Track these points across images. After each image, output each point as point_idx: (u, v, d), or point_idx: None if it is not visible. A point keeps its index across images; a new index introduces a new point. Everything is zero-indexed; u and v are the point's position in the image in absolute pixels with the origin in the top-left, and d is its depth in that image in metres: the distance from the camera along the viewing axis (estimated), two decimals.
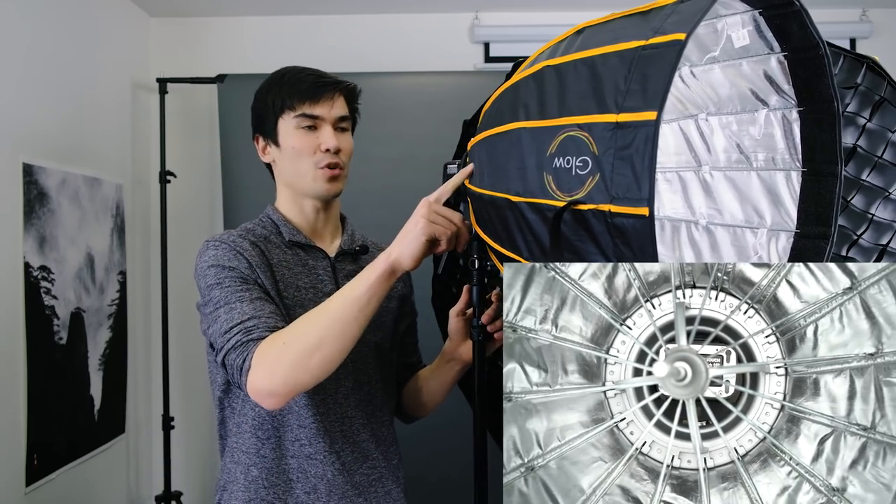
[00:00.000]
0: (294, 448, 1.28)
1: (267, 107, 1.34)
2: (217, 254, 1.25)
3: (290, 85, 1.32)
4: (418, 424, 1.63)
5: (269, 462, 1.27)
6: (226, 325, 1.16)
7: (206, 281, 1.23)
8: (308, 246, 1.36)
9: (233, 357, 1.14)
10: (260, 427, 1.28)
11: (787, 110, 1.10)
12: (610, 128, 0.89)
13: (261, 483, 1.27)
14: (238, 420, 1.30)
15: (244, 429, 1.29)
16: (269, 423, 1.28)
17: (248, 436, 1.28)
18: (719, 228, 1.15)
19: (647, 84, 0.87)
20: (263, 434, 1.28)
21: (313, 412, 1.28)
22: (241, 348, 1.13)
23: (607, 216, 0.88)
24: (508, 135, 1.05)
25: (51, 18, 2.26)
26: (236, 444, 1.30)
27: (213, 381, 1.33)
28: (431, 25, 2.93)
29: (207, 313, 1.21)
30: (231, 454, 1.31)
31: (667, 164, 1.15)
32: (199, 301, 1.25)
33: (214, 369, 1.30)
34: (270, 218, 1.38)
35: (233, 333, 1.15)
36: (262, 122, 1.35)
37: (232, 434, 1.31)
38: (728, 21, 1.07)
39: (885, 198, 1.27)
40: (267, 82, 1.36)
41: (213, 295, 1.21)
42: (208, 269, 1.23)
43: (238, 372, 1.13)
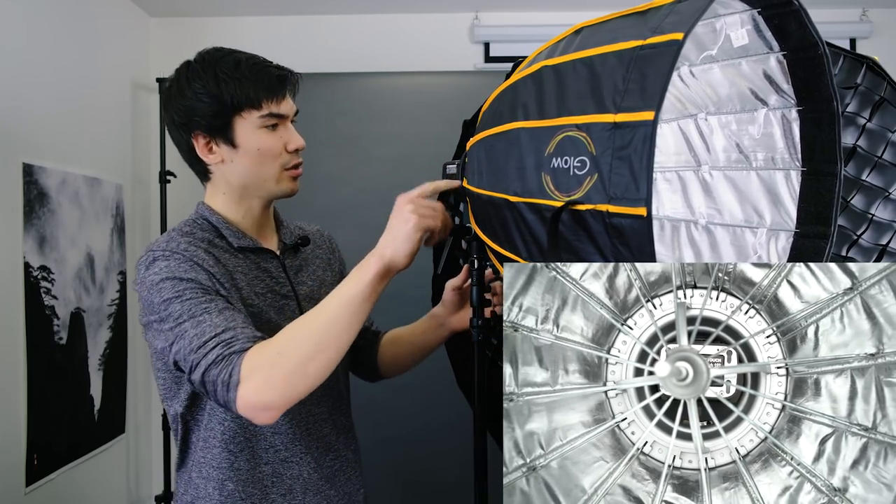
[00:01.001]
0: (268, 455, 1.24)
1: (220, 102, 1.20)
2: (170, 265, 1.15)
3: (251, 79, 1.20)
4: (418, 425, 1.63)
5: (243, 474, 1.22)
6: (198, 341, 1.07)
7: (162, 295, 1.12)
8: (257, 249, 1.29)
9: (214, 372, 1.05)
10: (231, 440, 1.22)
11: (787, 110, 1.10)
12: (608, 128, 0.89)
13: (237, 496, 1.22)
14: (204, 434, 1.23)
15: (212, 443, 1.22)
16: (241, 434, 1.22)
17: (219, 450, 1.22)
18: (719, 228, 1.15)
19: (646, 84, 0.87)
20: (236, 447, 1.22)
21: (287, 417, 1.24)
22: (223, 362, 1.05)
23: (605, 216, 0.88)
24: (507, 135, 1.05)
25: (51, 18, 2.26)
26: (204, 459, 1.23)
27: (168, 398, 1.25)
28: (431, 25, 2.93)
29: (167, 329, 1.12)
30: (197, 469, 1.24)
31: (666, 163, 1.15)
32: (150, 317, 1.15)
33: (172, 385, 1.23)
34: (208, 220, 1.27)
35: (209, 347, 1.06)
36: (209, 118, 1.21)
37: (197, 449, 1.24)
38: (727, 20, 1.07)
39: (885, 198, 1.27)
40: (211, 71, 1.21)
41: (174, 309, 1.11)
42: (162, 282, 1.13)
43: (224, 388, 1.04)
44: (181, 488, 1.27)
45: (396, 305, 1.59)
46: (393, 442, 2.52)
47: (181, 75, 1.24)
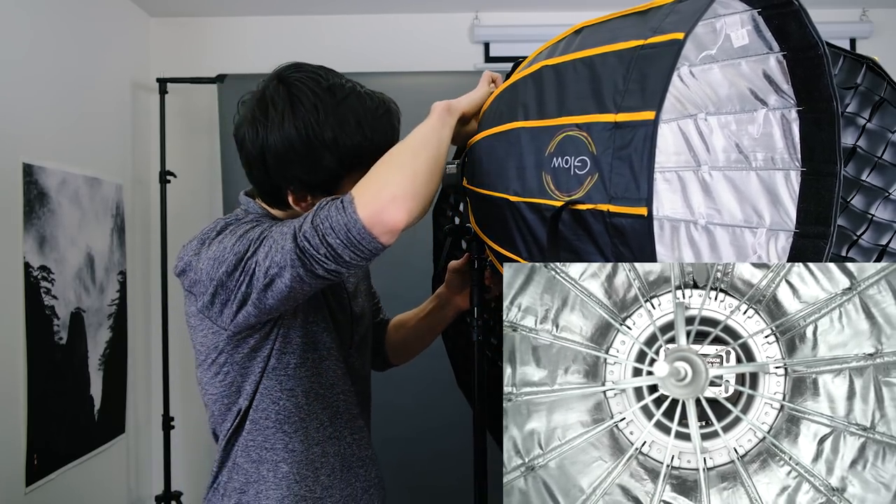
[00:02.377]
0: (318, 434, 1.25)
1: (332, 160, 1.12)
2: (227, 222, 1.14)
3: (358, 144, 1.13)
4: (418, 425, 1.63)
5: (297, 455, 1.23)
6: (288, 225, 1.03)
7: (233, 236, 1.07)
8: None
9: (325, 208, 0.99)
10: (286, 420, 1.22)
11: (787, 110, 1.10)
12: (608, 127, 0.89)
13: (292, 478, 1.23)
14: (254, 416, 1.22)
15: (264, 425, 1.22)
16: (296, 414, 1.23)
17: (272, 431, 1.22)
18: (718, 228, 1.15)
19: (646, 84, 0.87)
20: (290, 427, 1.23)
21: (321, 403, 1.25)
22: (330, 202, 1.00)
23: (606, 216, 0.88)
24: (507, 135, 1.05)
25: (51, 18, 2.26)
26: (254, 442, 1.23)
27: (213, 386, 1.24)
28: (431, 25, 2.93)
29: (254, 239, 1.05)
30: (245, 453, 1.24)
31: (666, 163, 1.15)
32: (218, 270, 1.07)
33: (213, 369, 1.22)
34: (254, 212, 1.24)
35: (306, 216, 1.01)
36: (318, 179, 1.13)
37: (245, 432, 1.24)
38: (727, 20, 1.07)
39: (885, 198, 1.27)
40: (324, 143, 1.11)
41: (251, 235, 1.05)
42: (225, 229, 1.10)
43: (340, 211, 0.97)
44: (224, 476, 1.27)
45: (397, 305, 1.59)
46: (393, 442, 2.52)
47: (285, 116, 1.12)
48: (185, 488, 2.84)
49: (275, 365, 1.21)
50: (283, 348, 1.21)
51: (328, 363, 1.26)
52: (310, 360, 1.23)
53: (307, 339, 1.23)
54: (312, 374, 1.24)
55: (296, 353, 1.22)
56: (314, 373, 1.24)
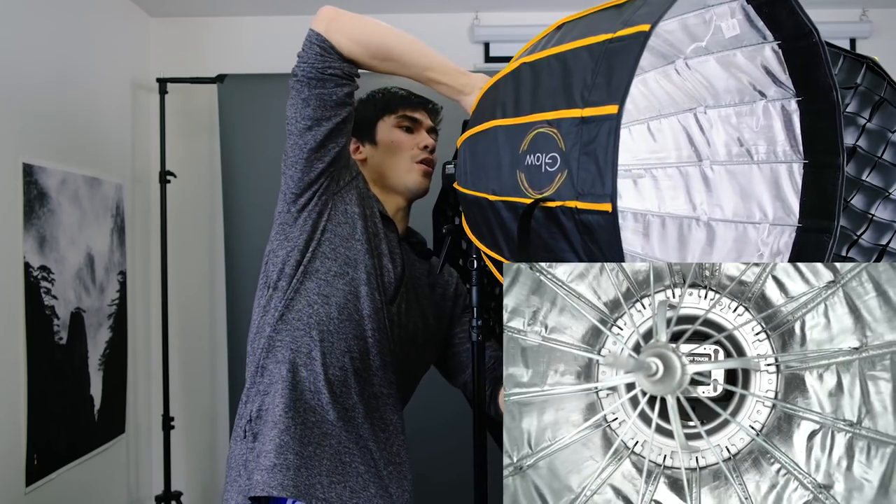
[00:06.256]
0: (345, 359, 1.28)
1: (367, 111, 1.45)
2: None
3: (388, 96, 1.47)
4: (418, 425, 1.63)
5: (318, 366, 1.26)
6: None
7: None
8: (386, 218, 1.39)
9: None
10: (316, 326, 1.27)
11: (786, 101, 1.08)
12: (576, 123, 0.86)
13: (306, 386, 1.26)
14: (288, 317, 1.29)
15: (296, 325, 1.28)
16: (326, 324, 1.28)
17: (302, 333, 1.27)
18: (720, 224, 1.14)
19: (612, 77, 0.85)
20: (318, 335, 1.27)
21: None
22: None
23: (575, 213, 0.86)
24: (487, 133, 1.04)
25: (51, 18, 2.26)
26: (281, 343, 1.28)
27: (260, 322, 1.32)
28: (431, 25, 2.93)
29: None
30: (272, 354, 1.29)
31: (667, 159, 1.15)
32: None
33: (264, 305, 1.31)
34: None
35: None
36: (358, 127, 1.43)
37: (277, 333, 1.30)
38: (716, 11, 1.05)
39: (885, 198, 1.27)
40: (360, 100, 1.46)
41: None
42: None
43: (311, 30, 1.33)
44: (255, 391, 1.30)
45: None
46: None
47: None
48: (185, 488, 2.84)
49: (318, 267, 1.29)
50: (331, 240, 1.30)
51: (365, 290, 1.30)
52: (348, 275, 1.29)
53: (349, 255, 1.30)
54: (349, 290, 1.29)
55: (338, 260, 1.29)
56: (350, 290, 1.29)
